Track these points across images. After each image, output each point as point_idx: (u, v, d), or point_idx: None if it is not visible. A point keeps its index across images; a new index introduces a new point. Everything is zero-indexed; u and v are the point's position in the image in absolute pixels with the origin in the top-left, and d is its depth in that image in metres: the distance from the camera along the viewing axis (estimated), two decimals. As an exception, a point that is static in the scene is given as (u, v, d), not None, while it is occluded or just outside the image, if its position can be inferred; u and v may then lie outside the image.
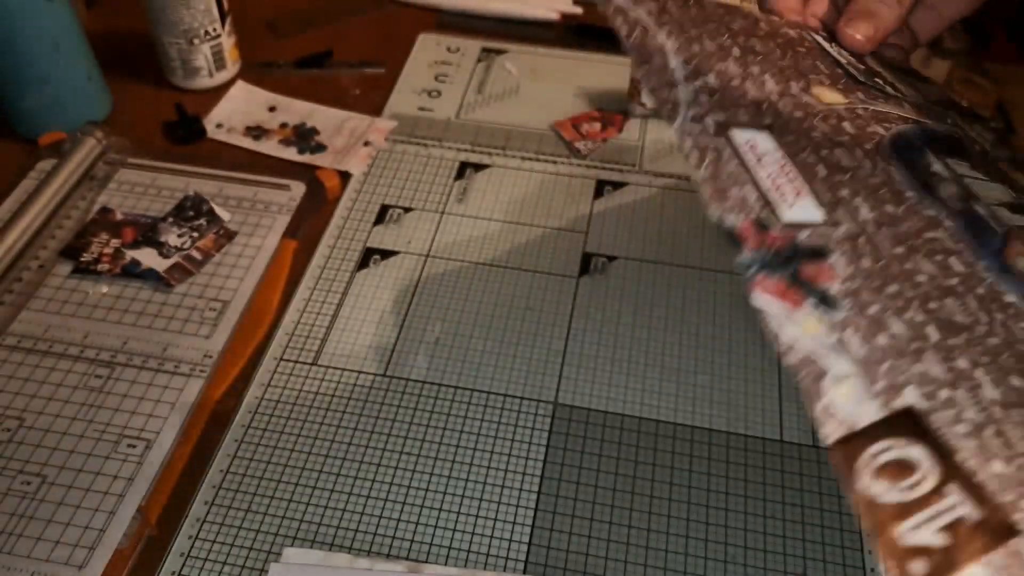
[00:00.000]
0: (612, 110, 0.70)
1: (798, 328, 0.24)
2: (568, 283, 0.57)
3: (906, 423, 0.22)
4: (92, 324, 0.53)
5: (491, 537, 0.45)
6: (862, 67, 0.36)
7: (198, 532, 0.44)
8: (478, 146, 0.67)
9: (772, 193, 0.28)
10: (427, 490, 0.46)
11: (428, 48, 0.77)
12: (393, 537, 0.44)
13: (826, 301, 0.25)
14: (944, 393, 0.23)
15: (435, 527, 0.45)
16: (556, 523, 0.45)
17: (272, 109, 0.70)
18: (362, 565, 0.43)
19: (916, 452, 0.22)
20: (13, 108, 0.65)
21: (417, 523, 0.45)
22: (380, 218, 0.61)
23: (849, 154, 0.30)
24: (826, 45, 0.37)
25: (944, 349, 0.24)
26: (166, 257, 0.57)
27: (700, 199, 0.27)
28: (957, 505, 0.21)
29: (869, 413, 0.22)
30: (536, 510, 0.46)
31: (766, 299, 0.25)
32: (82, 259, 0.57)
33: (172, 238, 0.58)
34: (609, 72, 0.74)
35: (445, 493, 0.46)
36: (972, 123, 0.36)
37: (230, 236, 0.59)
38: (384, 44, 0.78)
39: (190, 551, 0.44)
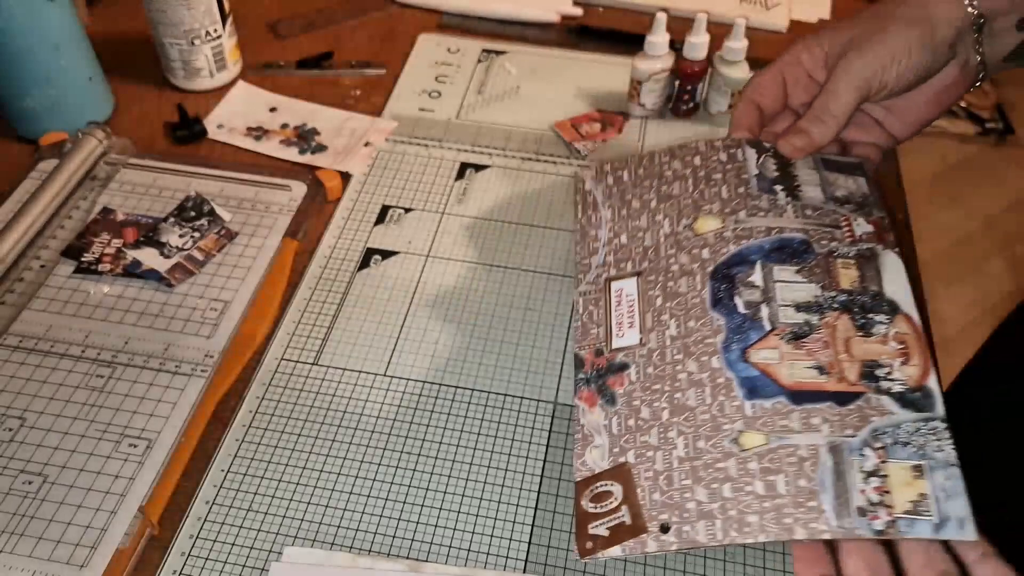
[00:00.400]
0: (612, 111, 0.70)
1: (591, 417, 0.41)
2: (568, 283, 0.57)
3: (618, 471, 0.38)
4: (94, 324, 0.53)
5: (491, 536, 0.45)
6: (778, 174, 0.46)
7: (199, 531, 0.45)
8: (478, 147, 0.67)
9: (614, 328, 0.42)
10: (427, 489, 0.46)
11: (428, 49, 0.77)
12: (394, 536, 0.45)
13: (611, 400, 0.40)
14: (650, 453, 0.38)
15: (435, 526, 0.45)
16: (556, 523, 0.45)
17: (273, 110, 0.70)
18: (363, 564, 0.43)
19: (615, 488, 0.38)
20: (14, 108, 0.65)
21: (418, 522, 0.45)
22: (381, 218, 0.61)
23: (690, 280, 0.42)
24: (752, 159, 0.47)
25: (666, 425, 0.39)
26: (167, 257, 0.57)
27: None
28: (622, 516, 0.37)
29: (602, 466, 0.39)
30: (536, 510, 0.46)
31: (579, 403, 0.41)
32: (84, 259, 0.57)
33: (173, 238, 0.58)
34: (608, 73, 0.74)
35: (445, 492, 0.46)
36: (863, 214, 0.44)
37: (231, 236, 0.59)
38: (385, 45, 0.78)
39: (191, 550, 0.44)
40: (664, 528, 0.36)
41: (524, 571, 0.43)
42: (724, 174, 0.45)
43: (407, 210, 0.62)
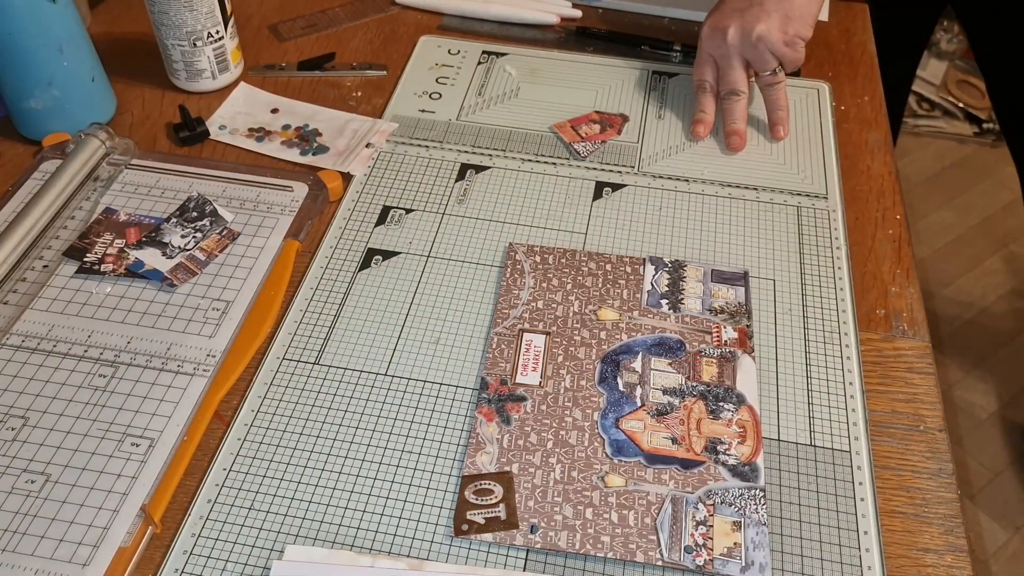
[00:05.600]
0: (611, 112, 0.71)
1: (487, 429, 0.48)
2: (568, 284, 0.57)
3: (501, 476, 0.46)
4: (96, 324, 0.54)
5: (492, 535, 0.45)
6: (668, 288, 0.56)
7: (201, 530, 0.45)
8: (478, 148, 0.67)
9: (520, 368, 0.51)
10: (429, 488, 0.47)
11: (429, 51, 0.78)
12: (395, 535, 0.45)
13: (507, 421, 0.49)
14: (532, 470, 0.47)
15: (437, 524, 0.45)
16: (556, 521, 0.46)
17: (275, 111, 0.71)
18: (364, 562, 0.43)
19: (496, 488, 0.46)
20: (18, 109, 0.66)
21: (419, 521, 0.45)
22: (382, 219, 0.62)
23: (587, 350, 0.52)
24: (650, 275, 0.56)
25: (548, 452, 0.48)
26: (170, 257, 0.57)
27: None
28: (499, 512, 0.45)
29: (489, 468, 0.47)
30: (536, 508, 0.46)
31: (479, 415, 0.49)
32: (86, 259, 0.57)
33: (176, 239, 0.59)
34: (608, 74, 0.74)
35: (447, 492, 0.47)
36: (732, 323, 0.54)
37: (233, 236, 0.59)
38: (386, 47, 0.78)
39: (193, 548, 0.44)
40: (533, 529, 0.44)
41: (524, 569, 0.44)
42: (627, 281, 0.56)
43: (408, 211, 0.62)
